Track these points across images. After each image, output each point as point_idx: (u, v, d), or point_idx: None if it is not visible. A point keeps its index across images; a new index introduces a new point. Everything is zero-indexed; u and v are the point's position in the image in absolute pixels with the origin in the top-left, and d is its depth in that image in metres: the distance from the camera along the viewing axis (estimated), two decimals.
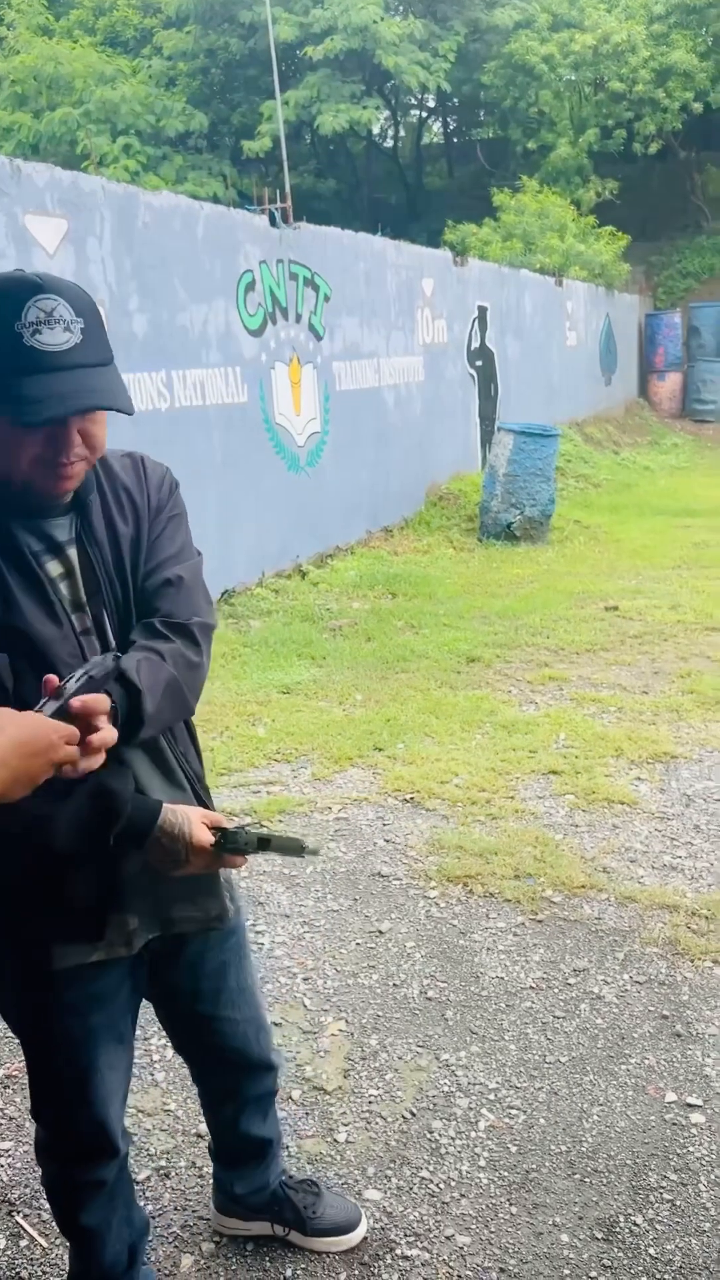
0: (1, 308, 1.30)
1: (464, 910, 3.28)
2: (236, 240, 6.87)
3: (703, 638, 6.10)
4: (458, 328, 10.58)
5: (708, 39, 18.26)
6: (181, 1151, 2.32)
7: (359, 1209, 2.11)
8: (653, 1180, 2.22)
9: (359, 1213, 2.10)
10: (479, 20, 18.48)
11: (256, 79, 19.02)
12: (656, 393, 18.18)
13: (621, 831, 3.77)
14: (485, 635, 6.23)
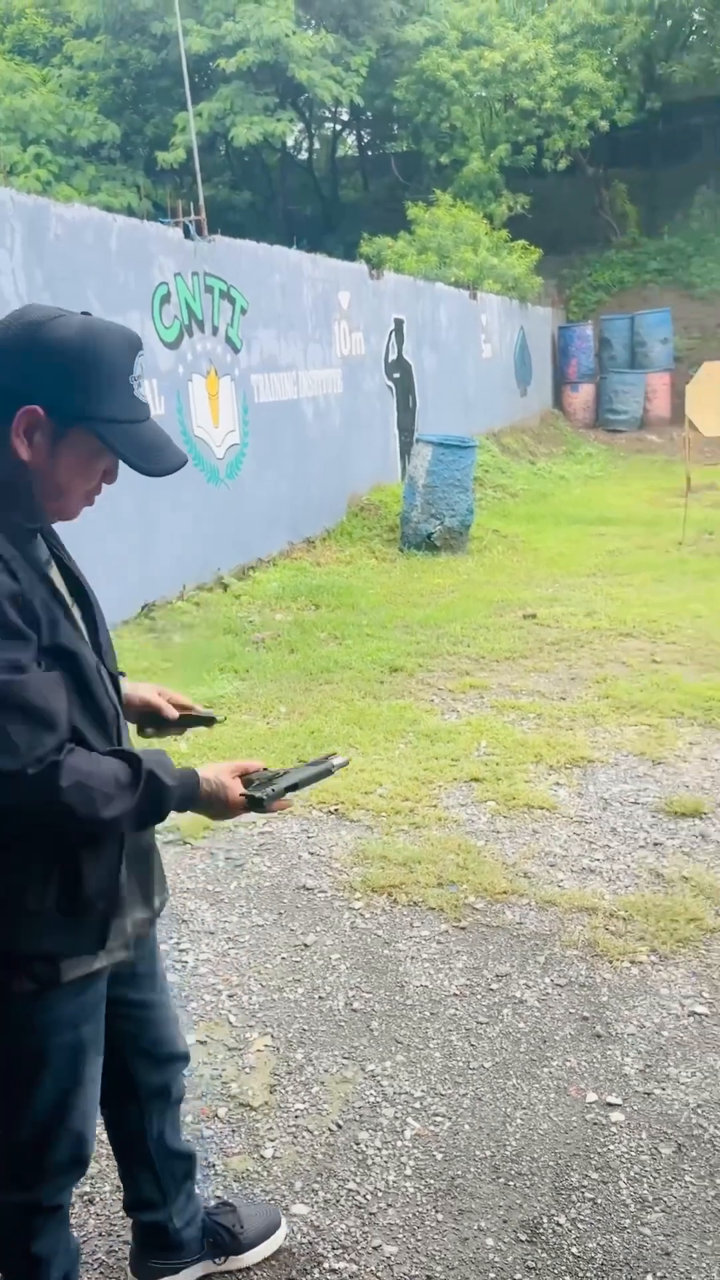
0: (119, 359, 1.43)
1: (389, 920, 3.30)
2: (150, 253, 6.83)
3: (617, 644, 6.24)
4: (375, 340, 10.66)
5: (612, 59, 18.77)
6: (106, 1176, 2.30)
7: (274, 1208, 2.14)
8: (575, 1180, 2.26)
9: (276, 1211, 2.12)
10: (390, 36, 18.70)
11: (169, 90, 18.94)
12: (571, 403, 18.54)
13: (541, 836, 3.84)
14: (408, 645, 6.28)
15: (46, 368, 1.39)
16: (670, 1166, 2.29)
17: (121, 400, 1.44)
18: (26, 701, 1.35)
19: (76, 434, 1.43)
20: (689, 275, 19.69)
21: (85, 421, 1.42)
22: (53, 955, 1.52)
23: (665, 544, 9.32)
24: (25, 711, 1.35)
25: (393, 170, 22.45)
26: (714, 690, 5.25)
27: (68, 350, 1.39)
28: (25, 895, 1.48)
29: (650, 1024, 2.76)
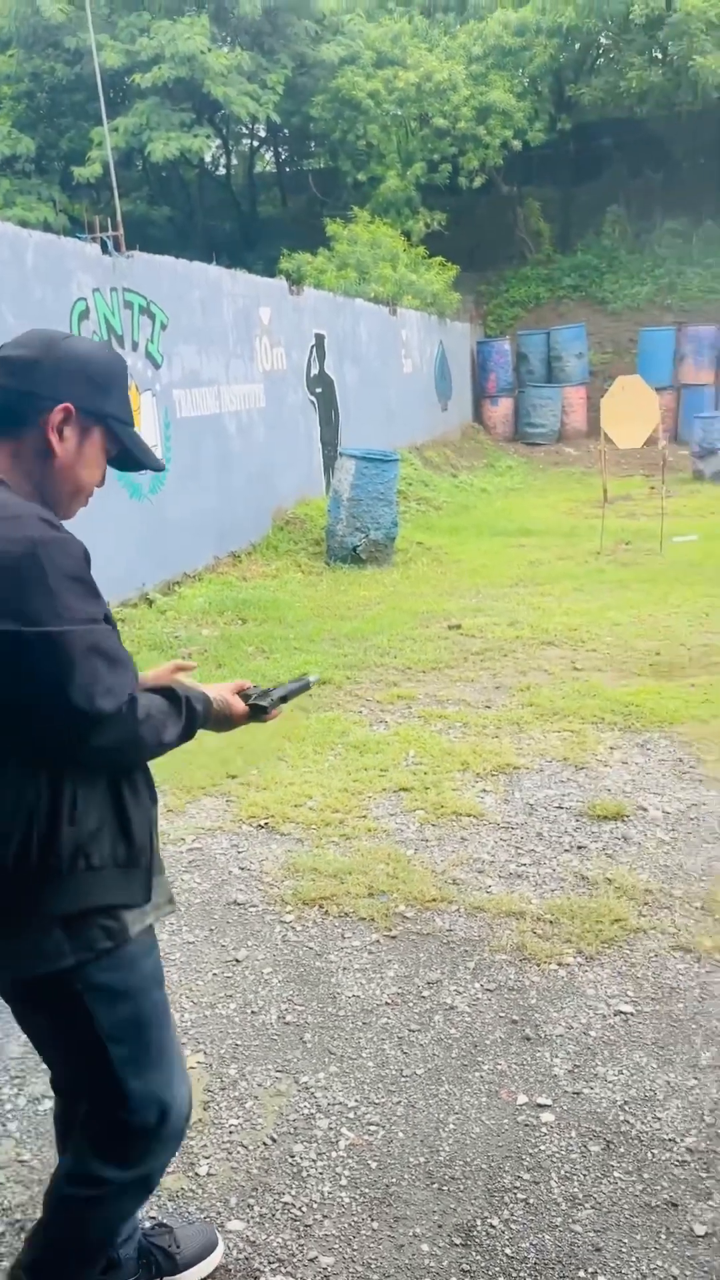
0: (123, 370, 1.70)
1: (320, 932, 3.31)
2: (68, 269, 6.77)
3: (540, 652, 6.35)
4: (296, 355, 10.70)
5: (523, 80, 19.16)
6: (37, 1202, 2.26)
7: (210, 1226, 2.13)
8: (507, 1182, 2.29)
9: (213, 1230, 2.12)
10: (305, 55, 18.82)
11: (84, 104, 18.78)
12: (490, 417, 18.81)
13: (470, 843, 3.89)
14: (335, 657, 6.31)
15: (75, 373, 1.60)
16: (600, 1164, 2.33)
17: (126, 405, 1.70)
18: (114, 649, 1.53)
19: (97, 433, 1.65)
20: (602, 291, 20.16)
21: (105, 420, 1.64)
22: (116, 909, 1.62)
23: (583, 554, 9.51)
24: (114, 657, 1.52)
25: (311, 187, 22.57)
26: (633, 696, 5.38)
27: (94, 359, 1.63)
28: (90, 853, 1.58)
29: (578, 1024, 2.81)
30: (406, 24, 19.94)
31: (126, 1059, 1.68)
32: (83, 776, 1.57)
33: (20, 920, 1.58)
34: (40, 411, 1.58)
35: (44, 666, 1.46)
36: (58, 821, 1.55)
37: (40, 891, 1.57)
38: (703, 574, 8.33)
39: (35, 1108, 2.56)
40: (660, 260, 19.93)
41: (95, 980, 1.63)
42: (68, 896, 1.58)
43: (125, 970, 1.66)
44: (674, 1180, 2.27)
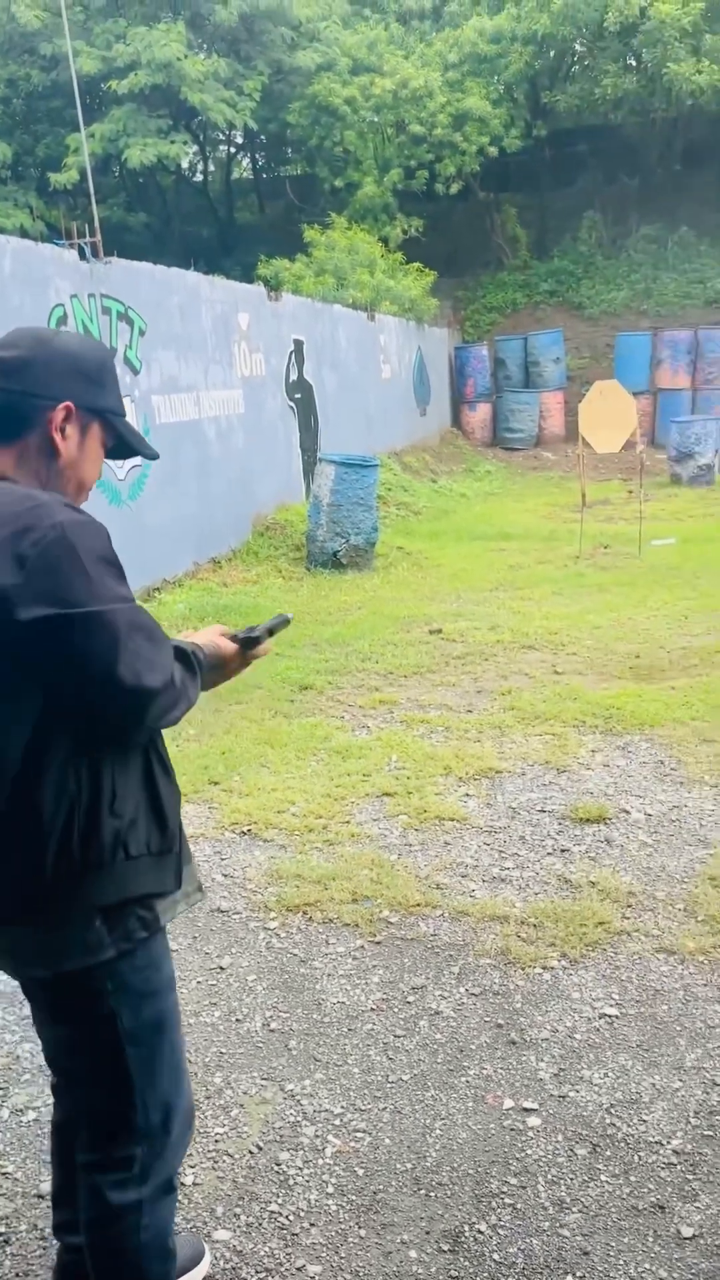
0: (112, 362, 1.71)
1: (304, 938, 3.30)
2: (46, 275, 6.75)
3: (520, 656, 6.36)
4: (275, 361, 10.70)
5: (499, 87, 19.26)
6: (22, 1215, 2.24)
7: (197, 1237, 2.12)
8: (494, 1187, 2.29)
9: (199, 1240, 2.11)
10: (282, 61, 18.85)
11: (60, 110, 18.75)
12: (469, 422, 18.86)
13: (453, 848, 3.88)
14: (317, 662, 6.30)
15: (70, 370, 1.61)
16: (586, 1167, 2.33)
17: (119, 396, 1.71)
18: (151, 625, 1.56)
19: (96, 427, 1.66)
20: (579, 296, 20.28)
21: (103, 414, 1.66)
22: (150, 898, 1.65)
23: (563, 558, 9.55)
24: (153, 633, 1.56)
25: (288, 193, 22.59)
26: (614, 699, 5.40)
27: (86, 355, 1.64)
28: (129, 842, 1.60)
29: (563, 1028, 2.82)
30: (383, 31, 20.01)
31: (142, 1060, 1.69)
32: (121, 765, 1.59)
33: (61, 914, 1.58)
34: (41, 411, 1.59)
35: (92, 648, 1.47)
36: (98, 813, 1.56)
37: (81, 884, 1.57)
38: (681, 577, 8.38)
39: (18, 1119, 2.54)
40: (636, 265, 20.07)
41: (125, 979, 1.64)
42: (109, 888, 1.59)
43: (151, 970, 1.68)
44: (661, 1183, 2.27)
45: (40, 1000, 1.71)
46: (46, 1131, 2.47)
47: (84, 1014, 1.66)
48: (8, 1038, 2.86)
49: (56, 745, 1.53)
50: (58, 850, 1.54)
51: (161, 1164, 1.75)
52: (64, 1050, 1.72)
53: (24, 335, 1.64)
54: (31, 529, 1.46)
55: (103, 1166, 1.72)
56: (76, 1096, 1.76)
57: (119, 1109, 1.70)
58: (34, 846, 1.54)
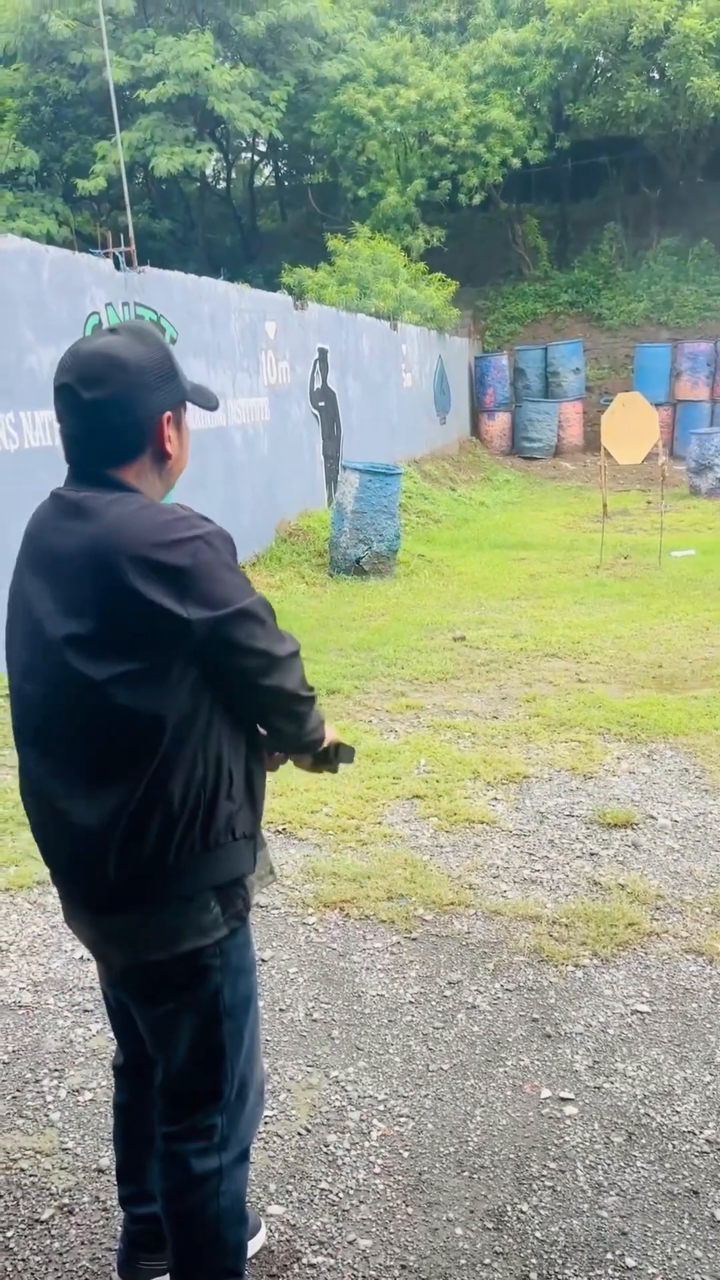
0: (168, 350, 1.74)
1: (342, 934, 3.40)
2: (83, 283, 6.89)
3: (543, 663, 6.46)
4: (300, 369, 10.83)
5: (522, 99, 19.40)
6: (84, 1188, 2.35)
7: (253, 1211, 2.22)
8: (534, 1170, 2.39)
9: (255, 1215, 2.21)
10: (307, 72, 19.03)
11: (88, 118, 18.97)
12: (488, 431, 18.98)
13: (483, 850, 3.99)
14: (343, 667, 6.41)
15: (154, 381, 1.67)
16: (622, 1154, 2.43)
17: (181, 370, 1.76)
18: (270, 607, 1.72)
19: (181, 413, 1.75)
20: (599, 307, 20.38)
21: (186, 398, 1.75)
22: (245, 878, 1.78)
23: (583, 568, 9.64)
24: (274, 615, 1.73)
25: (310, 201, 22.77)
26: (637, 707, 5.49)
27: (150, 361, 1.68)
28: (236, 826, 1.73)
29: (596, 1023, 2.91)
30: (408, 43, 20.17)
31: (233, 1034, 1.81)
32: (235, 752, 1.72)
33: (181, 897, 1.70)
34: (150, 431, 1.69)
35: (254, 630, 1.66)
36: (218, 797, 1.69)
37: (200, 867, 1.70)
38: (702, 588, 8.47)
39: (75, 1099, 2.65)
40: (657, 277, 20.16)
41: (229, 957, 1.77)
42: (223, 868, 1.73)
43: (246, 948, 1.82)
44: (694, 1170, 2.37)
45: (144, 983, 1.78)
46: (103, 1110, 2.58)
47: (192, 992, 1.76)
48: (60, 1023, 2.98)
49: (192, 731, 1.64)
50: (183, 834, 1.66)
51: (238, 1133, 1.86)
52: (165, 1028, 1.80)
53: (100, 366, 1.64)
54: (182, 543, 1.60)
55: (186, 1136, 1.83)
56: (169, 1069, 1.83)
57: (208, 1080, 1.81)
58: (164, 831, 1.65)
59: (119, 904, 1.70)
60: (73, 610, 1.61)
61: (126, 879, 1.66)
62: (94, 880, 1.69)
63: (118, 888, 1.67)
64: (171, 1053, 1.82)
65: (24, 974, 3.22)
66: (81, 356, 1.66)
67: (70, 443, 1.70)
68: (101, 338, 1.69)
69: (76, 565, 1.62)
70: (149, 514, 1.62)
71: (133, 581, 1.56)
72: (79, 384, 1.64)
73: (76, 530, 1.64)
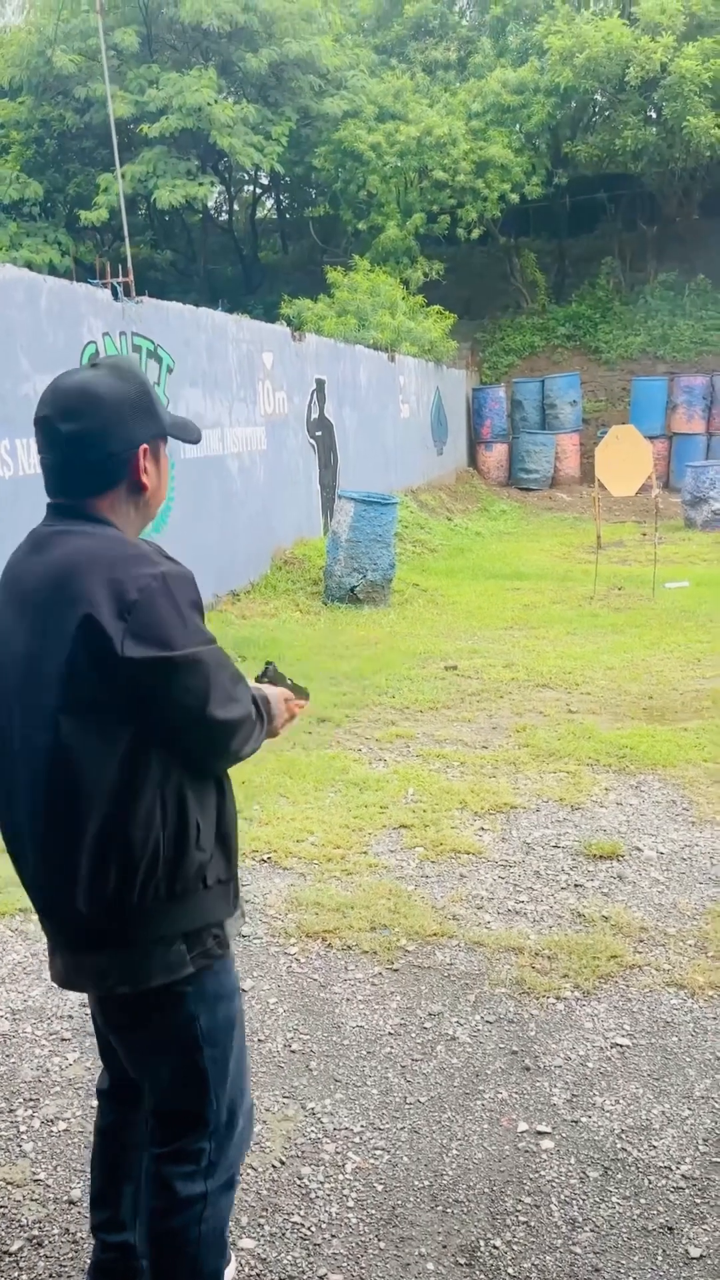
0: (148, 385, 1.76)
1: (324, 964, 3.39)
2: (80, 313, 6.96)
3: (535, 694, 6.47)
4: (297, 399, 10.92)
5: (521, 136, 19.67)
6: (54, 1220, 2.33)
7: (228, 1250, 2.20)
8: (509, 1205, 2.37)
9: (228, 1249, 2.18)
10: (309, 108, 19.31)
11: (92, 151, 19.23)
12: (485, 462, 19.09)
13: (469, 880, 3.98)
14: (334, 696, 6.42)
15: (131, 414, 1.70)
16: (598, 1189, 2.42)
17: (163, 405, 1.79)
18: (231, 663, 1.72)
19: (161, 446, 1.77)
20: (595, 341, 20.56)
21: (165, 432, 1.77)
22: (222, 921, 1.79)
23: (577, 598, 9.67)
24: (234, 671, 1.72)
25: (311, 234, 23.03)
26: (627, 739, 5.49)
27: (127, 395, 1.70)
28: (208, 875, 1.73)
29: (576, 1056, 2.90)
30: (408, 80, 20.47)
31: (215, 1060, 1.81)
32: (201, 800, 1.71)
33: (146, 941, 1.71)
34: (125, 463, 1.71)
35: (188, 684, 1.63)
36: (186, 847, 1.69)
37: (167, 914, 1.71)
38: (695, 620, 8.49)
39: (49, 1129, 2.63)
40: (653, 311, 20.35)
41: (204, 985, 1.77)
42: (190, 916, 1.73)
43: (224, 975, 1.82)
44: (670, 1205, 2.35)
45: (117, 1011, 1.80)
46: (77, 1141, 2.57)
47: (165, 1020, 1.77)
48: (37, 1052, 2.96)
49: (146, 776, 1.65)
50: (144, 880, 1.66)
51: (226, 1159, 1.87)
52: (145, 1052, 1.82)
53: (77, 399, 1.68)
54: (135, 577, 1.60)
55: (174, 1159, 1.83)
56: (154, 1094, 1.85)
57: (194, 1105, 1.82)
58: (124, 877, 1.65)
59: (90, 942, 1.71)
60: (35, 638, 1.63)
61: (95, 917, 1.67)
62: (65, 916, 1.71)
63: (88, 926, 1.69)
64: (153, 1080, 1.83)
65: (2, 1002, 3.21)
66: (60, 390, 1.70)
67: (48, 473, 1.74)
68: (81, 373, 1.73)
69: (39, 595, 1.64)
70: (109, 546, 1.65)
71: (82, 609, 1.58)
72: (56, 416, 1.68)
73: (42, 561, 1.67)
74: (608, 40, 17.79)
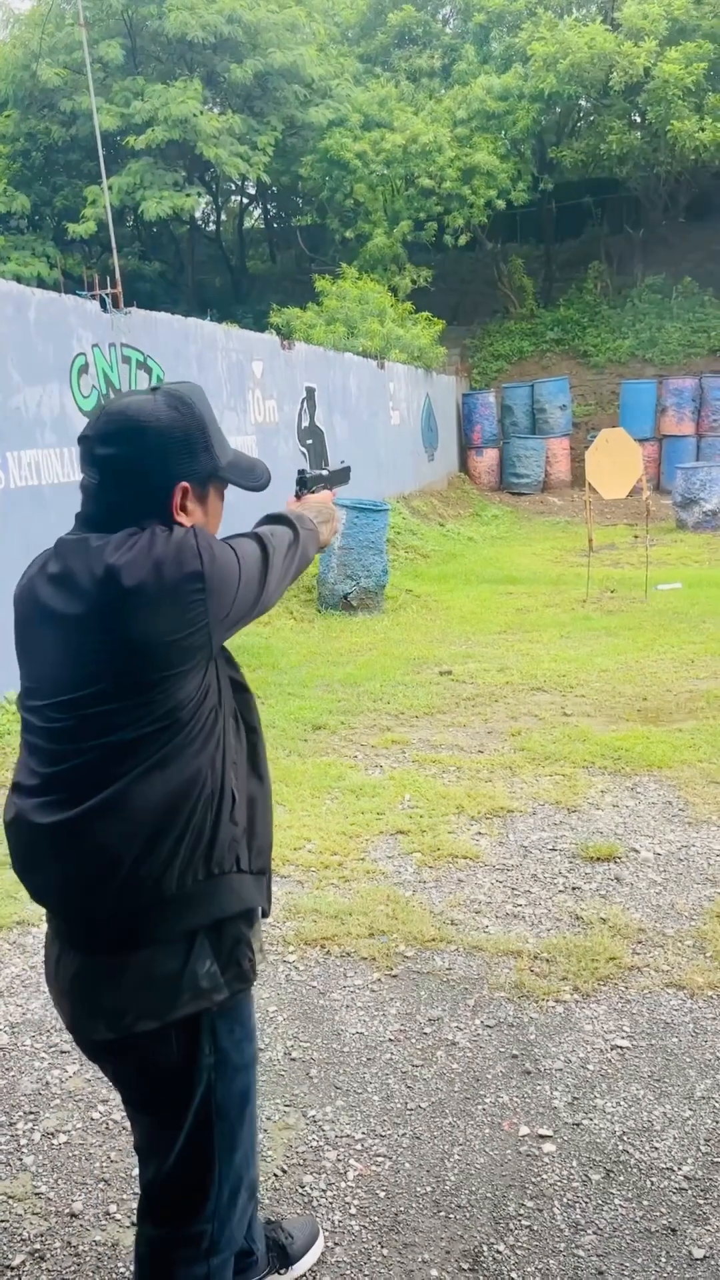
0: (207, 410, 1.70)
1: (322, 971, 3.39)
2: (69, 325, 6.97)
3: (529, 697, 6.47)
4: (288, 408, 10.93)
5: (506, 142, 19.76)
6: (55, 1233, 2.32)
7: (313, 1218, 2.26)
8: (512, 1209, 2.37)
9: (315, 1221, 2.24)
10: (295, 117, 19.38)
11: (79, 164, 19.28)
12: (476, 467, 19.13)
13: (466, 885, 3.98)
14: (329, 703, 6.42)
15: (174, 448, 1.61)
16: (600, 1191, 2.41)
17: (220, 443, 1.70)
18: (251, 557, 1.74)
19: (212, 486, 1.70)
20: (584, 345, 20.63)
21: (216, 475, 1.69)
22: (251, 927, 1.72)
23: (570, 601, 9.68)
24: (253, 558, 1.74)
25: (299, 243, 23.10)
26: (622, 740, 5.50)
27: (174, 428, 1.62)
28: (240, 856, 1.66)
29: (576, 1059, 2.90)
30: (393, 89, 20.56)
31: (225, 1134, 1.71)
32: (237, 773, 1.66)
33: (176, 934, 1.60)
34: (160, 499, 1.62)
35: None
36: (220, 818, 1.62)
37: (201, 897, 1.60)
38: (687, 621, 8.50)
39: (50, 1142, 2.62)
40: (641, 314, 20.43)
41: (226, 1053, 1.68)
42: (220, 902, 1.62)
43: (246, 1042, 1.74)
44: (672, 1206, 2.35)
45: (134, 1075, 1.69)
46: (78, 1154, 2.56)
47: (180, 1084, 1.66)
48: (37, 1064, 2.95)
49: (182, 742, 1.59)
50: (187, 858, 1.58)
51: (228, 1238, 1.76)
52: (154, 1126, 1.71)
53: (119, 424, 1.61)
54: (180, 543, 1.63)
55: (172, 1243, 1.73)
56: (156, 1171, 1.72)
57: (196, 1184, 1.70)
58: (172, 851, 1.57)
59: (113, 941, 1.60)
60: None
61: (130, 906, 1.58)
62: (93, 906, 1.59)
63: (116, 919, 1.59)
64: (158, 1150, 1.71)
65: (1, 1015, 3.20)
66: (106, 412, 1.64)
67: (84, 493, 1.66)
68: (136, 396, 1.65)
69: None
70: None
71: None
72: (96, 438, 1.62)
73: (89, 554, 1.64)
74: (591, 46, 17.89)
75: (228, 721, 1.69)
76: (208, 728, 1.62)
